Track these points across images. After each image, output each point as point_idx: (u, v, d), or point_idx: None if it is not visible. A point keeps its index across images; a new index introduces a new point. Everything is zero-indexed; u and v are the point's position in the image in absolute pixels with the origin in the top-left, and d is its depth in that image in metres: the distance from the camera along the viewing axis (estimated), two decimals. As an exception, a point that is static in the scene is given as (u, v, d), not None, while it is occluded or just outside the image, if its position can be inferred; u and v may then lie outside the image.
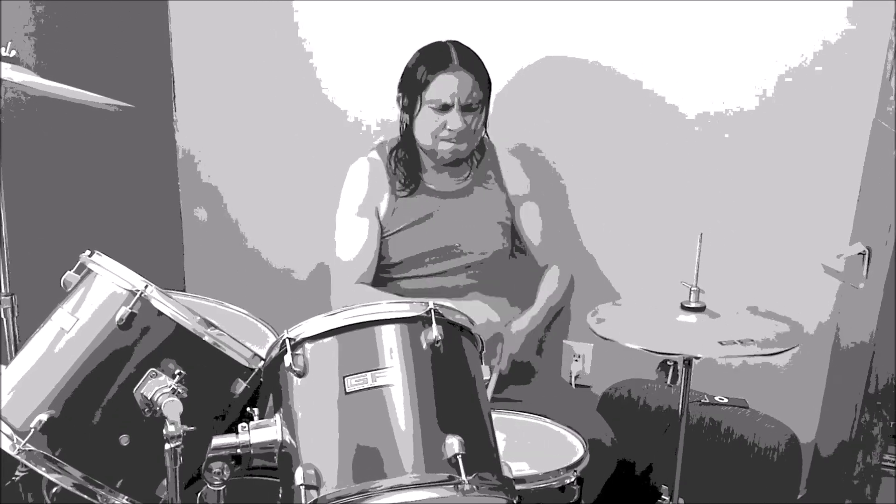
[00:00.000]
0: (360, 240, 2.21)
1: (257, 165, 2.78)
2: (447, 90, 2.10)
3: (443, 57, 2.12)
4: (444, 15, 2.47)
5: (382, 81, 2.35)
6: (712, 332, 1.71)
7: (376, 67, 2.56)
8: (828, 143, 2.29)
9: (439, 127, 2.12)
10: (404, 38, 2.31)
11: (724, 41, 2.31)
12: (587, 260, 2.54)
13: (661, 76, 2.38)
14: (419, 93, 2.12)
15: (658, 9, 2.33)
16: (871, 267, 2.10)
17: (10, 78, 1.73)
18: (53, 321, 1.55)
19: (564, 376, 2.62)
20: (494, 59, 2.25)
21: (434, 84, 2.10)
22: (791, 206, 2.36)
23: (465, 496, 1.32)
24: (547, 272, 2.34)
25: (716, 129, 2.37)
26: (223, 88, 2.75)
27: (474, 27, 2.40)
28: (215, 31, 2.71)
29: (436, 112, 2.11)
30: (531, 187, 2.35)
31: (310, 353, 1.42)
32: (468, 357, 1.48)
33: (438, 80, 2.10)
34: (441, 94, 2.10)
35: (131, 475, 1.49)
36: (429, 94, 2.11)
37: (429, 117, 2.12)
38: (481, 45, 2.22)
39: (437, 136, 2.14)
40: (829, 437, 2.34)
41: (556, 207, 2.50)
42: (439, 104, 2.11)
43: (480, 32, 2.37)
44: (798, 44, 2.26)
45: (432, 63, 2.11)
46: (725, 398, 2.33)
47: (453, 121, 2.11)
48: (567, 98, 2.46)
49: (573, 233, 2.54)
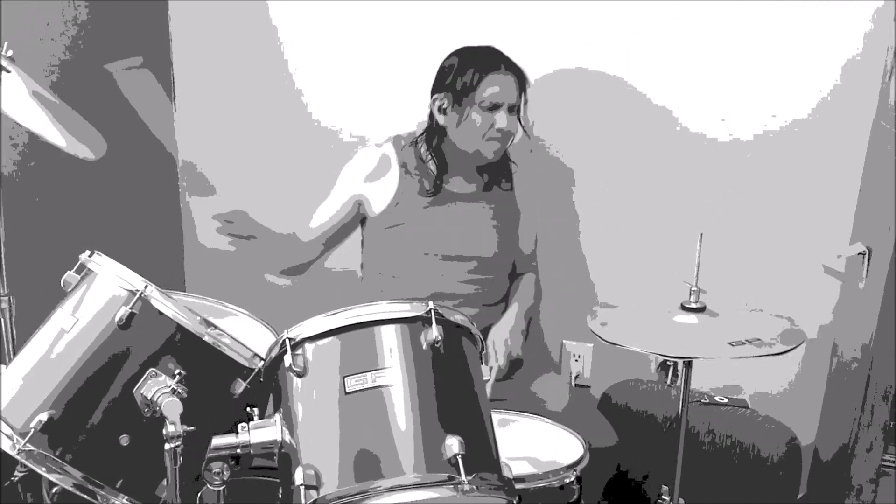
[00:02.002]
0: (330, 221, 2.28)
1: (258, 164, 2.78)
2: (498, 91, 2.11)
3: (491, 58, 2.14)
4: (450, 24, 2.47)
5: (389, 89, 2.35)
6: (713, 332, 1.71)
7: (380, 75, 2.56)
8: (828, 144, 2.29)
9: (488, 127, 2.13)
10: (410, 50, 2.32)
11: (724, 44, 2.31)
12: (588, 260, 2.54)
13: (663, 80, 2.37)
14: (468, 93, 2.11)
15: (654, 12, 2.33)
16: (870, 267, 2.10)
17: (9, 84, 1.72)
18: (53, 321, 1.55)
19: (564, 376, 2.62)
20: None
21: (485, 85, 2.11)
22: (791, 207, 2.35)
23: (465, 496, 1.32)
24: (521, 278, 2.36)
25: (716, 130, 2.37)
26: (223, 88, 2.75)
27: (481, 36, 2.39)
28: (215, 31, 2.71)
29: (485, 111, 2.12)
30: (535, 195, 2.35)
31: (310, 354, 1.42)
32: (468, 357, 1.48)
33: (490, 81, 2.11)
34: (493, 95, 2.11)
35: (131, 475, 1.49)
36: (480, 95, 2.11)
37: (477, 118, 2.12)
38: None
39: (484, 136, 2.14)
40: (829, 437, 2.34)
41: (557, 209, 2.50)
42: (490, 104, 2.11)
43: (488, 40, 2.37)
44: (798, 44, 2.26)
45: (482, 64, 2.12)
46: (725, 398, 2.34)
47: (502, 120, 2.12)
48: (571, 105, 2.46)
49: (574, 233, 2.54)
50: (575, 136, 2.48)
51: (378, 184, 2.23)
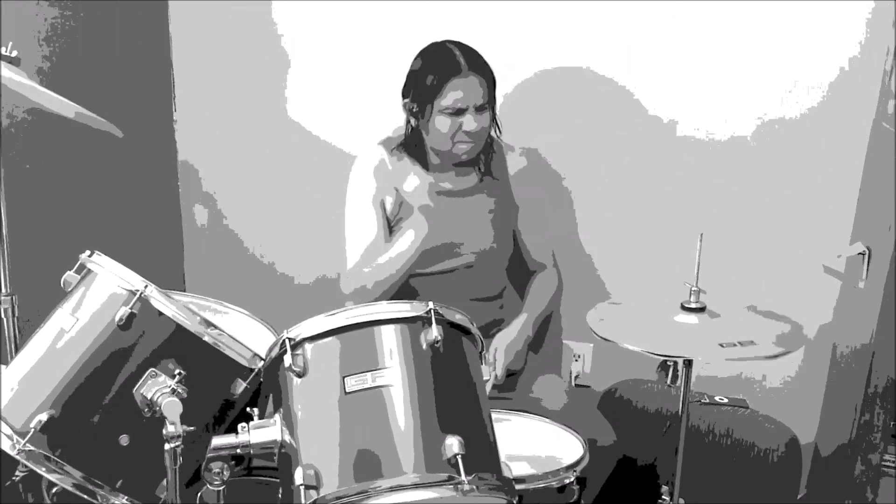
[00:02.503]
0: (369, 234, 2.19)
1: (258, 165, 2.77)
2: (461, 96, 2.09)
3: (451, 63, 2.11)
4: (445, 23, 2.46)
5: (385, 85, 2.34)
6: (713, 333, 1.71)
7: (378, 74, 2.56)
8: (828, 144, 2.29)
9: (456, 131, 2.12)
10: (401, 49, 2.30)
11: (723, 43, 2.31)
12: (588, 260, 2.54)
13: (663, 80, 2.37)
14: (431, 100, 2.11)
15: (654, 12, 2.33)
16: (870, 267, 2.10)
17: (9, 84, 1.72)
18: (53, 321, 1.55)
19: (564, 376, 2.62)
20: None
21: (447, 91, 2.09)
22: (791, 206, 2.35)
23: (464, 496, 1.32)
24: (535, 278, 2.36)
25: (717, 130, 2.36)
26: (223, 89, 2.74)
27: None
28: (215, 31, 2.70)
29: (450, 116, 2.11)
30: (534, 189, 2.34)
31: (310, 353, 1.42)
32: (468, 357, 1.48)
33: (451, 87, 2.09)
34: (456, 101, 2.09)
35: (131, 475, 1.49)
36: (443, 102, 2.10)
37: (443, 122, 2.11)
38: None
39: (453, 139, 2.14)
40: (829, 437, 2.34)
41: (558, 209, 2.50)
42: (454, 110, 2.10)
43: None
44: (798, 44, 2.26)
45: (442, 70, 2.10)
46: (725, 398, 2.33)
47: (469, 123, 2.11)
48: (570, 105, 2.46)
49: (574, 233, 2.54)
50: (574, 135, 2.48)
51: (385, 181, 2.22)
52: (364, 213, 2.21)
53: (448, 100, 2.10)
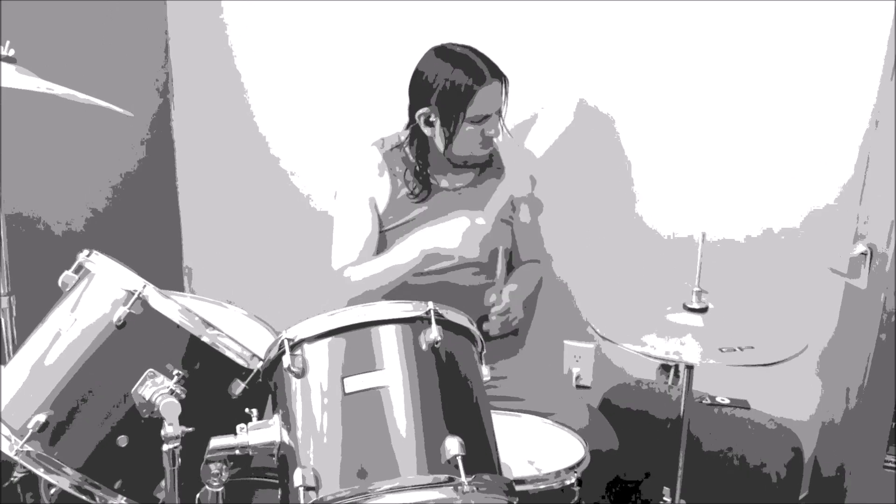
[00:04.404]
0: (361, 236, 2.18)
1: (258, 165, 2.77)
2: (488, 104, 2.08)
3: (476, 71, 2.08)
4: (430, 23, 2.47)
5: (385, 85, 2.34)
6: (714, 334, 1.71)
7: (378, 74, 2.56)
8: (828, 143, 2.29)
9: (480, 136, 2.11)
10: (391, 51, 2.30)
11: (725, 43, 2.30)
12: (588, 260, 2.54)
13: (663, 80, 2.37)
14: (462, 109, 2.07)
15: (655, 11, 2.33)
16: (872, 267, 2.10)
17: (9, 83, 1.72)
18: (51, 321, 1.54)
19: (565, 377, 2.61)
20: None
21: (476, 100, 2.07)
22: (792, 206, 2.35)
23: (465, 497, 1.31)
24: (520, 269, 2.33)
25: (716, 128, 2.36)
26: (221, 88, 2.75)
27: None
28: (213, 32, 2.70)
29: (475, 124, 2.10)
30: (533, 187, 2.34)
31: (309, 354, 1.42)
32: (468, 358, 1.48)
33: (481, 97, 2.07)
34: (486, 108, 2.08)
35: (129, 476, 1.48)
36: (473, 110, 2.08)
37: (472, 131, 2.10)
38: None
39: (478, 143, 2.13)
40: (830, 437, 2.34)
41: (558, 207, 2.49)
42: (482, 117, 2.09)
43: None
44: (798, 43, 2.26)
45: (470, 79, 2.07)
46: (727, 398, 2.33)
47: (491, 127, 2.11)
48: (570, 103, 2.46)
49: (574, 233, 2.53)
50: (572, 134, 2.48)
51: (380, 183, 2.21)
52: (358, 212, 2.19)
53: (477, 108, 2.08)
